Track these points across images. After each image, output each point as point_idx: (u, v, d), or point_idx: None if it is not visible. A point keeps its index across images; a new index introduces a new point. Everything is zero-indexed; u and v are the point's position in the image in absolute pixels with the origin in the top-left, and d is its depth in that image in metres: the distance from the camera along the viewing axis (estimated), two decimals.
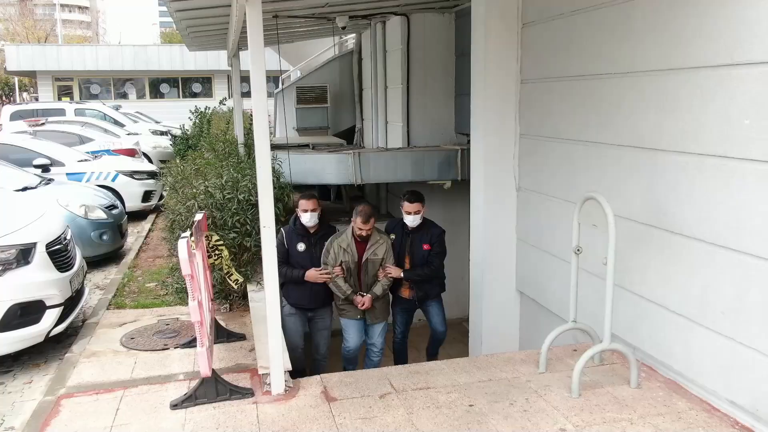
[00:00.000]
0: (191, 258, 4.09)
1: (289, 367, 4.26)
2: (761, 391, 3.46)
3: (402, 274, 5.79)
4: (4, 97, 33.37)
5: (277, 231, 4.69)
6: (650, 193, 4.23)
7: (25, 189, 7.86)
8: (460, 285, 7.46)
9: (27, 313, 4.93)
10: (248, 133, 9.21)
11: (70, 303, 5.38)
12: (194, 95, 31.25)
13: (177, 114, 28.82)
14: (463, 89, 8.09)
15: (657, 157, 4.14)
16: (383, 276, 5.74)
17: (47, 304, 5.06)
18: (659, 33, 4.05)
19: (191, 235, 4.32)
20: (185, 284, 4.78)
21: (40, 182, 8.42)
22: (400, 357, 6.34)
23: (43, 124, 13.67)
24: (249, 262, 6.18)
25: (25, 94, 34.31)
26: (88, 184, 9.95)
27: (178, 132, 22.23)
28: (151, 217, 11.05)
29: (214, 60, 30.32)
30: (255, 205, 6.07)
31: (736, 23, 3.47)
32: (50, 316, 5.08)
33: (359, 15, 9.05)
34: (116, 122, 18.88)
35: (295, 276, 5.67)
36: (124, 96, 30.34)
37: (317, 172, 8.02)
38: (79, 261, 5.80)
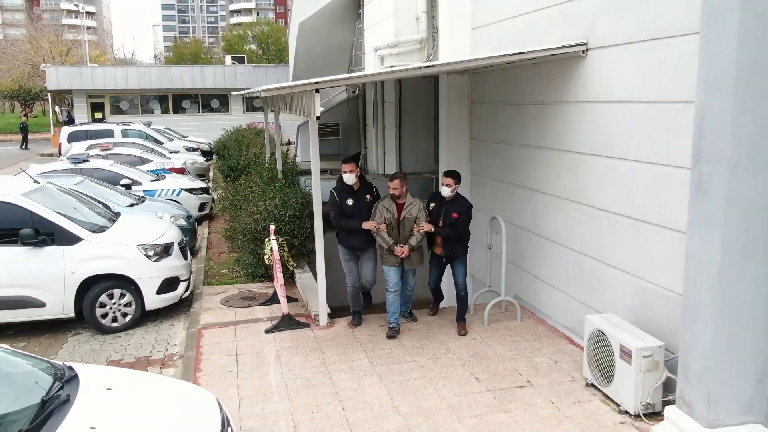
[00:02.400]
0: (275, 252, 7.47)
1: (329, 311, 7.61)
2: (575, 320, 6.79)
3: (432, 229, 7.09)
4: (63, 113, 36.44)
5: (330, 193, 7.28)
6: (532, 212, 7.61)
7: (131, 206, 11.15)
8: None
9: (170, 284, 8.28)
10: (284, 161, 12.49)
11: (189, 279, 8.74)
12: (212, 110, 34.66)
13: (197, 127, 32.31)
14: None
15: (539, 182, 7.53)
16: (417, 230, 7.09)
17: (180, 279, 8.43)
18: (535, 123, 7.43)
19: (271, 238, 7.71)
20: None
21: (139, 200, 11.72)
22: (436, 295, 7.83)
23: (110, 148, 16.90)
24: (295, 255, 9.49)
25: (57, 108, 37.65)
26: (161, 198, 13.25)
27: (206, 147, 25.61)
28: (206, 223, 14.37)
29: (231, 79, 33.79)
30: (298, 218, 9.41)
31: (591, 128, 6.84)
32: (182, 286, 8.45)
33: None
34: (156, 140, 22.14)
35: (353, 226, 7.21)
36: (150, 111, 33.73)
37: None
38: (188, 253, 9.15)
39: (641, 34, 5.53)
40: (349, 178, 7.24)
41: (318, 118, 6.38)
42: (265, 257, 8.51)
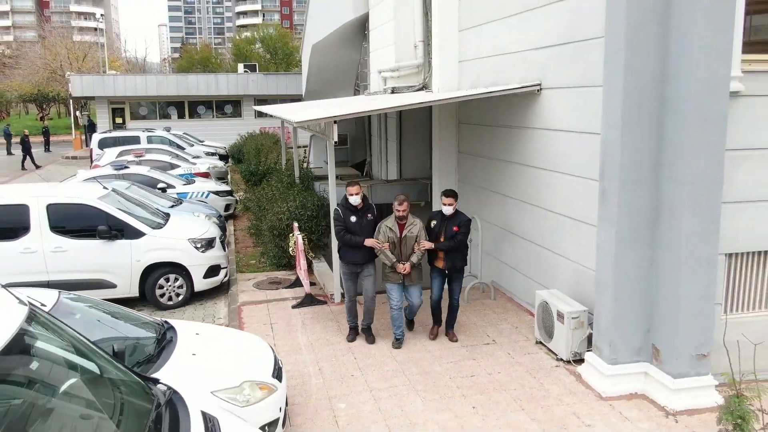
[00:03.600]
0: (299, 243, 9.48)
1: (342, 291, 9.59)
2: (533, 296, 8.74)
3: (432, 245, 7.63)
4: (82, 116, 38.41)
5: (334, 210, 8.14)
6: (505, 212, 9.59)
7: (172, 206, 13.13)
8: None
9: (214, 270, 10.29)
10: (300, 167, 14.47)
11: (227, 267, 10.74)
12: (225, 115, 36.72)
13: (211, 131, 34.31)
14: None
15: (509, 189, 9.52)
16: (418, 248, 7.61)
17: (221, 266, 10.45)
18: (504, 142, 9.40)
19: (295, 233, 9.71)
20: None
21: (177, 202, 13.70)
22: (435, 313, 8.11)
23: (143, 155, 18.88)
24: (313, 248, 11.46)
25: (77, 112, 39.76)
26: (192, 200, 15.22)
27: (223, 152, 27.58)
28: (231, 221, 16.36)
29: (243, 86, 35.83)
30: (315, 217, 11.37)
31: (541, 149, 8.82)
32: (222, 272, 10.46)
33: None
34: (178, 146, 24.12)
35: (356, 241, 7.74)
36: (167, 116, 35.80)
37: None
38: (225, 246, 11.15)
39: (576, 81, 7.47)
40: (355, 200, 7.81)
41: (336, 142, 8.35)
42: (290, 249, 10.48)
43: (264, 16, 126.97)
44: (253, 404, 5.35)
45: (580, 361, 7.12)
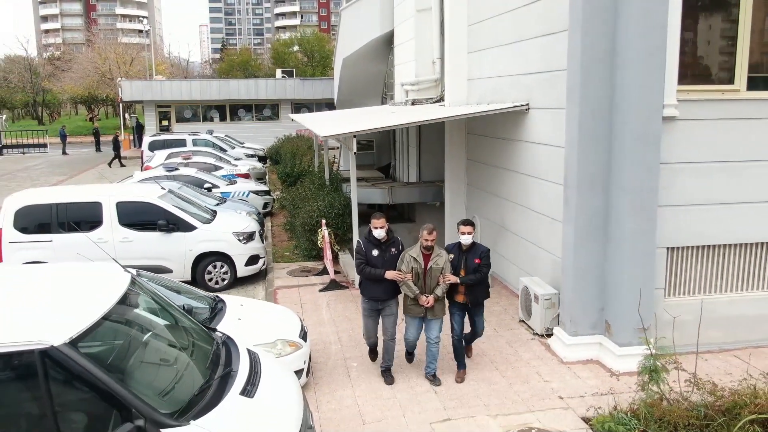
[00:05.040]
0: (325, 237, 11.21)
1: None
2: (517, 281, 10.29)
3: (458, 280, 7.32)
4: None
5: (356, 242, 8.15)
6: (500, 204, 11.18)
7: (217, 204, 14.98)
8: None
9: (254, 259, 12.09)
10: (330, 170, 16.19)
11: (265, 257, 12.52)
12: (264, 119, 38.82)
13: (251, 133, 36.37)
14: None
15: (505, 192, 11.09)
16: (443, 281, 7.25)
17: (260, 256, 12.24)
18: (501, 152, 10.97)
19: (323, 229, 11.44)
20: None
21: (221, 200, 15.56)
22: (458, 352, 7.73)
23: (191, 158, 20.85)
24: (339, 241, 13.16)
25: (126, 116, 42.40)
26: (234, 199, 17.07)
27: (261, 153, 29.53)
28: (268, 218, 18.19)
29: (281, 91, 37.87)
30: (341, 215, 13.06)
31: (528, 158, 10.39)
32: (261, 261, 12.27)
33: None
34: (221, 148, 26.13)
35: (376, 274, 7.32)
36: (210, 119, 38.06)
37: (369, 196, 15.01)
38: (264, 239, 12.93)
39: (552, 104, 8.99)
40: (379, 233, 7.43)
41: (355, 153, 10.02)
42: (318, 241, 12.20)
43: (302, 17, 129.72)
44: (284, 356, 7.07)
45: (551, 335, 8.67)
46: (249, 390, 4.96)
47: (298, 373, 7.16)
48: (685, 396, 6.54)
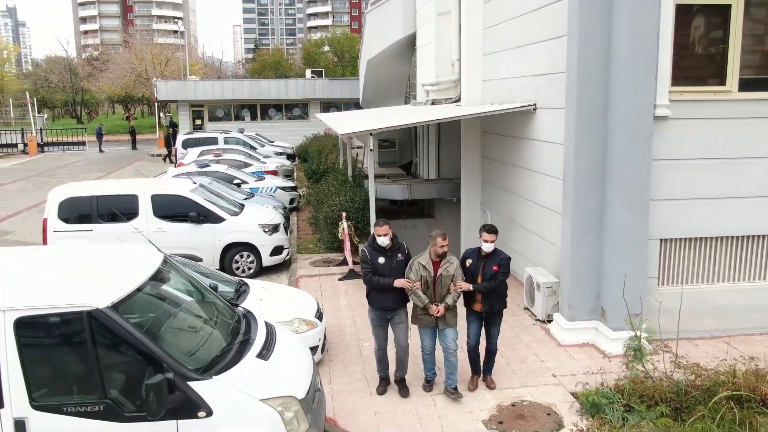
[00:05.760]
0: (345, 230, 11.91)
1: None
2: (524, 271, 10.86)
3: (471, 287, 6.98)
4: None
5: (361, 251, 7.38)
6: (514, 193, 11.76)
7: (246, 199, 15.79)
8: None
9: (278, 250, 12.86)
10: (353, 167, 16.89)
11: (289, 248, 13.28)
12: (293, 118, 39.77)
13: (281, 132, 37.30)
14: None
15: (514, 187, 11.67)
16: (454, 290, 6.92)
17: (284, 247, 13.00)
18: (511, 149, 11.55)
19: (343, 222, 12.13)
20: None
21: (249, 195, 16.37)
22: (473, 360, 7.49)
23: (221, 155, 21.77)
24: (359, 234, 13.84)
25: (161, 114, 43.79)
26: (263, 194, 17.88)
27: (290, 151, 30.39)
28: (294, 213, 18.99)
29: (311, 91, 38.75)
30: (361, 209, 13.75)
31: (534, 155, 10.97)
32: (285, 252, 13.03)
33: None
34: (251, 146, 27.03)
35: (385, 284, 6.99)
36: (241, 118, 39.15)
37: (390, 192, 15.67)
38: (288, 231, 13.69)
39: (556, 104, 9.54)
40: (383, 241, 7.10)
41: (372, 150, 10.69)
42: (339, 234, 12.90)
43: (334, 18, 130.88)
44: (301, 333, 7.78)
45: (552, 321, 9.23)
46: (264, 354, 5.69)
47: (314, 349, 7.87)
48: (668, 375, 7.08)
